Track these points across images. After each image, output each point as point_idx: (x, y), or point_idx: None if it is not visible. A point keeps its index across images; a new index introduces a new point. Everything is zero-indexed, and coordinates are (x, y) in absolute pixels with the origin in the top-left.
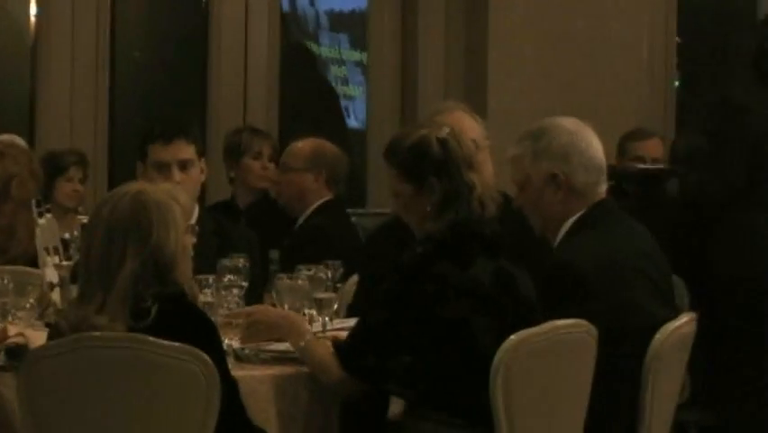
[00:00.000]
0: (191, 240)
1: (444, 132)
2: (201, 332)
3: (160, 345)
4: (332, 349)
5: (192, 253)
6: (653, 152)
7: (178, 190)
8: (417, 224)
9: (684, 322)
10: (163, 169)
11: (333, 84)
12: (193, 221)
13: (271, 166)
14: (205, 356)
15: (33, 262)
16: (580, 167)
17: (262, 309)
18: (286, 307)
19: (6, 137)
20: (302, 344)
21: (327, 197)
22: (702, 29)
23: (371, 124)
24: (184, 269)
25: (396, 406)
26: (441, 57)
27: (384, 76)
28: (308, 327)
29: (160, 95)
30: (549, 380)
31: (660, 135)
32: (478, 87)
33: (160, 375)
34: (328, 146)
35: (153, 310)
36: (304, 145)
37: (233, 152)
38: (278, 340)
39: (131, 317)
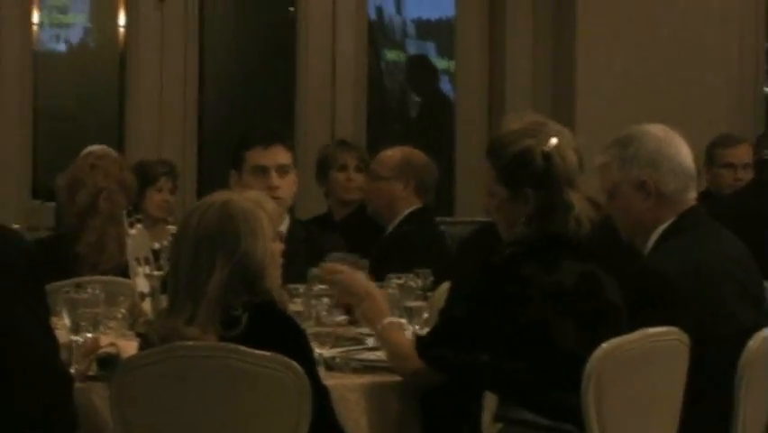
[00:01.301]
0: (279, 247)
1: (551, 144)
2: (292, 340)
3: (251, 354)
4: (411, 337)
5: (281, 261)
6: (744, 157)
7: (265, 198)
8: (506, 227)
9: None
10: (262, 173)
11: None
12: (283, 229)
13: (358, 177)
14: (296, 365)
15: (125, 273)
16: (670, 173)
17: (351, 274)
18: None
19: (98, 148)
20: (379, 327)
21: (416, 205)
22: None
23: (459, 133)
24: (273, 276)
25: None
26: (528, 65)
27: (471, 84)
28: (388, 310)
29: (248, 106)
30: (641, 387)
31: (750, 141)
32: (566, 96)
33: (250, 384)
34: (417, 154)
35: (244, 319)
36: (393, 154)
37: (322, 167)
38: (348, 306)
39: (221, 327)
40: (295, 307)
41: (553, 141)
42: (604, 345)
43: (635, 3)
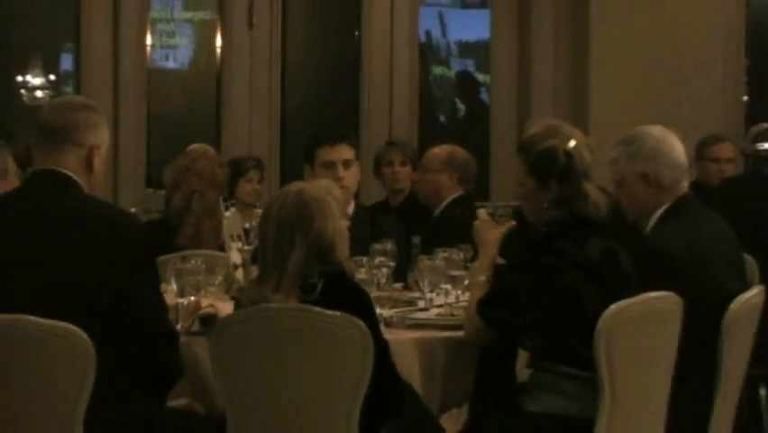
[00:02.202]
0: (346, 224)
1: (571, 144)
2: (358, 302)
3: (324, 315)
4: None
5: (348, 236)
6: (727, 153)
7: (333, 185)
8: (532, 211)
9: (754, 294)
10: (330, 167)
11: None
12: (350, 213)
13: (403, 170)
14: (362, 323)
15: (221, 249)
16: (666, 166)
17: (488, 225)
18: (426, 282)
19: (199, 146)
20: (478, 279)
21: (459, 192)
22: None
23: (494, 133)
24: (342, 249)
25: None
26: (550, 79)
27: (504, 94)
28: (487, 269)
29: (322, 111)
30: (643, 341)
31: (731, 140)
32: (582, 103)
33: (323, 339)
34: (460, 151)
35: (320, 285)
36: (440, 150)
37: (376, 164)
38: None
39: (301, 292)
40: (360, 275)
41: (573, 142)
42: (612, 306)
43: (639, 27)
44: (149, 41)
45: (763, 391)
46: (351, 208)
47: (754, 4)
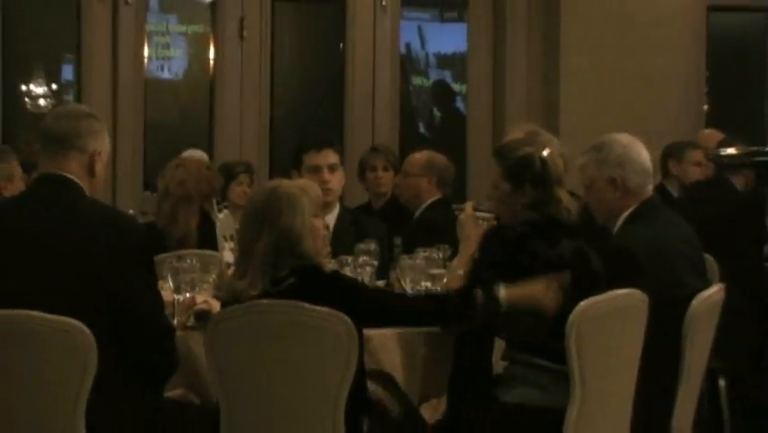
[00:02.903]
0: (322, 222)
1: (546, 152)
2: (338, 290)
3: (312, 310)
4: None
5: (324, 234)
6: (702, 158)
7: (312, 186)
8: (506, 213)
9: (715, 291)
10: (316, 171)
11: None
12: (335, 215)
13: (386, 175)
14: (347, 318)
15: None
16: (633, 172)
17: (472, 221)
18: (407, 280)
19: (188, 155)
20: (456, 272)
21: (437, 196)
22: (728, 63)
23: (470, 140)
24: (311, 244)
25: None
26: (523, 88)
27: (479, 103)
28: (465, 264)
29: (308, 119)
30: (611, 336)
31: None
32: (553, 112)
33: (311, 334)
34: (438, 156)
35: (290, 280)
36: (420, 156)
37: (360, 169)
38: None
39: (269, 284)
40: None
41: (547, 150)
42: (582, 302)
43: (607, 41)
44: (145, 52)
45: (722, 383)
46: (336, 210)
47: (713, 23)
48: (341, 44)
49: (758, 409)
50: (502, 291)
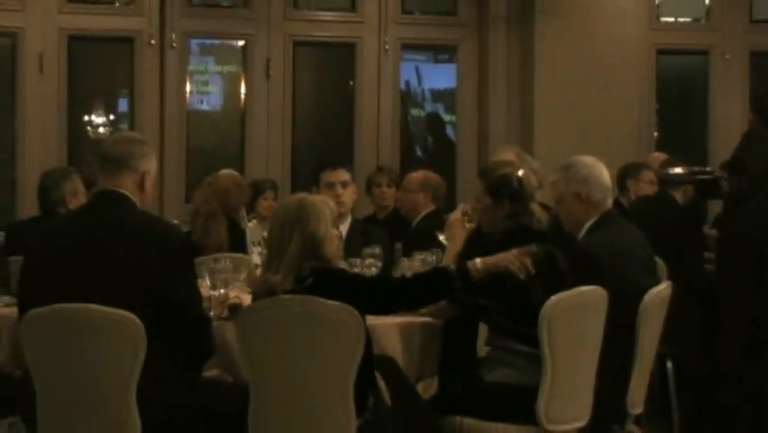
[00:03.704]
0: (336, 232)
1: (521, 172)
2: (340, 282)
3: (324, 303)
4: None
5: (339, 241)
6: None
7: (329, 200)
8: (487, 223)
9: (663, 288)
10: (331, 187)
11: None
12: (347, 224)
13: (389, 190)
14: (355, 311)
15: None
16: (596, 188)
17: (459, 224)
18: None
19: (224, 172)
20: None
21: (431, 208)
22: (674, 97)
23: (459, 162)
24: (330, 249)
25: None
26: (504, 119)
27: (466, 131)
28: (450, 261)
29: (323, 144)
30: (576, 326)
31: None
32: (528, 138)
33: (324, 323)
34: (433, 175)
35: (311, 278)
36: (417, 175)
37: (368, 185)
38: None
39: (295, 281)
40: None
41: (521, 171)
42: (553, 297)
43: (573, 78)
44: (187, 88)
45: (669, 365)
46: (348, 221)
47: (662, 60)
48: (351, 81)
49: (697, 383)
50: (478, 261)
